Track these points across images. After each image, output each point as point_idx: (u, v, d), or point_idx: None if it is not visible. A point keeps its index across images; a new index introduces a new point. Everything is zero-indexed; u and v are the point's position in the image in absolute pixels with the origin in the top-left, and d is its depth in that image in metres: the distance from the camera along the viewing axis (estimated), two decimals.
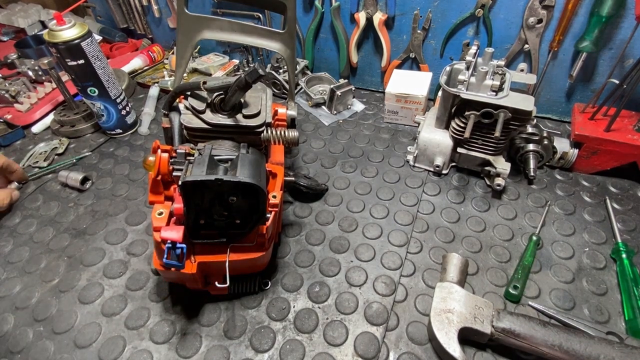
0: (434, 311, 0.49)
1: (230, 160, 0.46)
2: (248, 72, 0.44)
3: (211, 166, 0.43)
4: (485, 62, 0.67)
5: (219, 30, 0.62)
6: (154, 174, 0.46)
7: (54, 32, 0.71)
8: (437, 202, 0.69)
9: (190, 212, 0.43)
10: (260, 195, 0.43)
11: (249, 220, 0.46)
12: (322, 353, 0.49)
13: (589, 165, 0.71)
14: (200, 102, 0.50)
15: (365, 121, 0.91)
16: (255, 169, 0.44)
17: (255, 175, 0.43)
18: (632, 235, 0.61)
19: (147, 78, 1.08)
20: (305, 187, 0.67)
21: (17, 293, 0.57)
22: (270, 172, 0.52)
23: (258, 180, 0.42)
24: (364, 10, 0.88)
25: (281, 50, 0.63)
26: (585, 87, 0.80)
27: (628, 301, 0.51)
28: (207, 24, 0.62)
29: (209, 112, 0.50)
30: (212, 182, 0.40)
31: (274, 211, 0.48)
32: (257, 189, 0.42)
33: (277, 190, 0.49)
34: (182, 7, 0.60)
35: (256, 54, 1.08)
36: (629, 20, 0.69)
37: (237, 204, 0.43)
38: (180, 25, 0.61)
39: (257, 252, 0.49)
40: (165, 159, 0.46)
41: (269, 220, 0.47)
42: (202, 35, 0.62)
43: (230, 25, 0.62)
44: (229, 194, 0.42)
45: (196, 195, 0.42)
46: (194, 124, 0.50)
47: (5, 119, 0.91)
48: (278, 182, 0.52)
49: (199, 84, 0.47)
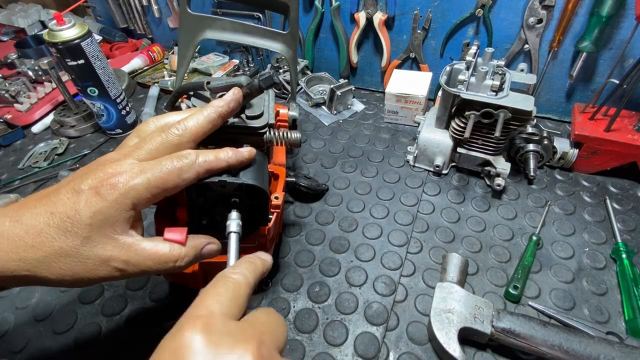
0: (434, 311, 0.49)
1: None
2: (262, 78, 0.43)
3: None
4: (485, 62, 0.67)
5: (221, 30, 0.62)
6: None
7: (54, 32, 0.71)
8: (437, 202, 0.69)
9: (193, 213, 0.43)
10: (263, 197, 0.43)
11: (252, 221, 0.46)
12: (322, 353, 0.49)
13: (589, 165, 0.71)
14: (203, 102, 0.50)
15: (365, 121, 0.91)
16: (259, 170, 0.44)
17: (259, 177, 0.43)
18: (632, 235, 0.61)
19: (147, 78, 1.08)
20: (305, 187, 0.67)
21: (17, 293, 0.57)
22: (273, 174, 0.52)
23: (261, 182, 0.42)
24: (364, 10, 0.88)
25: (283, 51, 0.63)
26: (585, 87, 0.80)
27: (628, 301, 0.51)
28: (209, 24, 0.62)
29: None
30: (216, 184, 0.40)
31: (276, 212, 0.48)
32: (260, 191, 0.42)
33: (279, 191, 0.49)
34: (184, 7, 0.60)
35: (256, 54, 1.08)
36: (629, 20, 0.69)
37: (240, 205, 0.43)
38: (183, 25, 0.61)
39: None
40: None
41: (271, 222, 0.48)
42: (205, 35, 0.62)
43: (232, 25, 0.62)
44: (232, 195, 0.42)
45: (199, 197, 0.42)
46: None
47: (5, 119, 0.91)
48: (280, 184, 0.52)
49: (203, 84, 0.47)
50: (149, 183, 0.31)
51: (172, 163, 0.32)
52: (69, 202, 0.29)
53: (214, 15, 0.61)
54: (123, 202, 0.30)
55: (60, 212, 0.29)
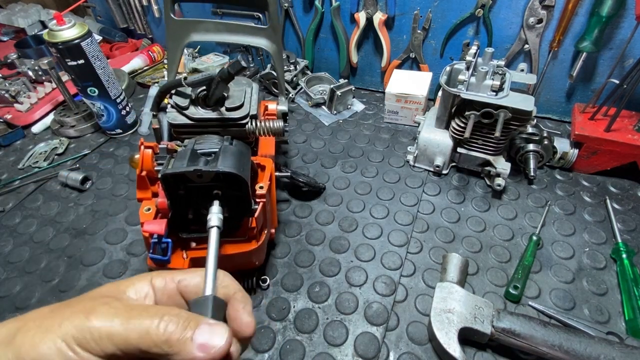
0: (434, 311, 0.49)
1: (213, 153, 0.46)
2: (230, 63, 0.44)
3: (193, 159, 0.43)
4: (485, 62, 0.67)
5: (205, 31, 0.63)
6: (138, 171, 0.47)
7: (54, 32, 0.71)
8: (437, 202, 0.69)
9: (174, 205, 0.44)
10: (242, 185, 0.43)
11: (236, 212, 0.46)
12: (322, 353, 0.49)
13: (589, 165, 0.71)
14: (184, 99, 0.51)
15: (365, 121, 0.90)
16: (238, 159, 0.44)
17: (237, 165, 0.43)
18: (632, 235, 0.61)
19: (147, 78, 1.08)
20: (303, 183, 0.67)
21: (17, 293, 0.57)
22: (259, 165, 0.52)
23: (240, 170, 0.42)
24: (364, 10, 0.88)
25: (267, 46, 0.63)
26: (585, 87, 0.80)
27: (628, 301, 0.51)
28: (194, 27, 0.63)
29: (193, 108, 0.51)
30: (191, 172, 0.40)
31: (262, 202, 0.48)
32: (238, 179, 0.42)
33: (264, 181, 0.49)
34: (168, 13, 0.61)
35: (256, 54, 1.08)
36: (629, 20, 0.69)
37: (224, 197, 0.43)
38: (169, 31, 0.63)
39: (249, 245, 0.50)
40: (149, 154, 0.47)
41: (256, 212, 0.47)
42: (190, 38, 0.63)
43: (215, 26, 0.63)
44: (213, 186, 0.42)
45: (178, 188, 0.42)
46: (179, 121, 0.51)
47: (5, 119, 0.91)
48: (266, 174, 0.51)
49: (180, 80, 0.48)
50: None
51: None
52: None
53: (197, 19, 0.62)
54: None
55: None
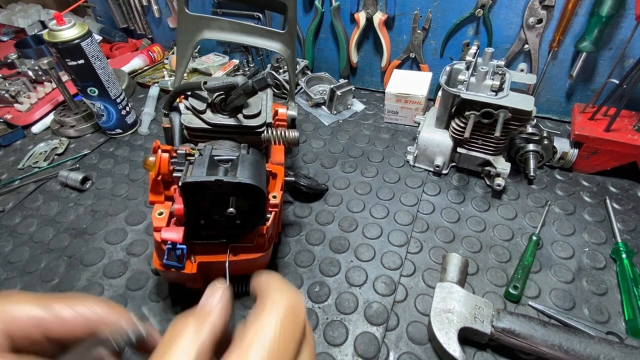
0: (434, 311, 0.49)
1: (230, 161, 0.46)
2: (257, 79, 0.44)
3: (211, 167, 0.43)
4: (485, 62, 0.67)
5: (219, 30, 0.62)
6: (154, 174, 0.46)
7: (53, 32, 0.71)
8: (437, 202, 0.69)
9: (190, 212, 0.43)
10: (260, 196, 0.43)
11: (249, 221, 0.46)
12: (322, 353, 0.49)
13: (589, 165, 0.71)
14: (200, 102, 0.50)
15: (365, 121, 0.90)
16: (256, 169, 0.44)
17: (256, 176, 0.43)
18: (632, 235, 0.61)
19: (147, 78, 1.07)
20: (305, 187, 0.67)
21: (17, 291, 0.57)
22: (271, 173, 0.52)
23: (258, 181, 0.42)
24: (364, 10, 0.88)
25: (281, 51, 0.63)
26: (585, 87, 0.80)
27: (628, 301, 0.51)
28: (208, 24, 0.62)
29: (210, 112, 0.50)
30: (212, 183, 0.40)
31: (274, 211, 0.48)
32: (257, 190, 0.42)
33: (277, 190, 0.49)
34: (182, 7, 0.60)
35: (256, 54, 1.08)
36: (629, 20, 0.68)
37: (237, 204, 0.43)
38: (181, 25, 0.62)
39: (257, 253, 0.49)
40: (166, 159, 0.46)
41: (269, 221, 0.47)
42: (203, 35, 0.62)
43: (230, 25, 0.62)
44: (229, 194, 0.42)
45: (196, 196, 0.42)
46: (195, 124, 0.50)
47: (5, 119, 0.91)
48: (278, 183, 0.52)
49: (200, 83, 0.47)
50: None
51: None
52: None
53: (212, 16, 0.61)
54: None
55: None
